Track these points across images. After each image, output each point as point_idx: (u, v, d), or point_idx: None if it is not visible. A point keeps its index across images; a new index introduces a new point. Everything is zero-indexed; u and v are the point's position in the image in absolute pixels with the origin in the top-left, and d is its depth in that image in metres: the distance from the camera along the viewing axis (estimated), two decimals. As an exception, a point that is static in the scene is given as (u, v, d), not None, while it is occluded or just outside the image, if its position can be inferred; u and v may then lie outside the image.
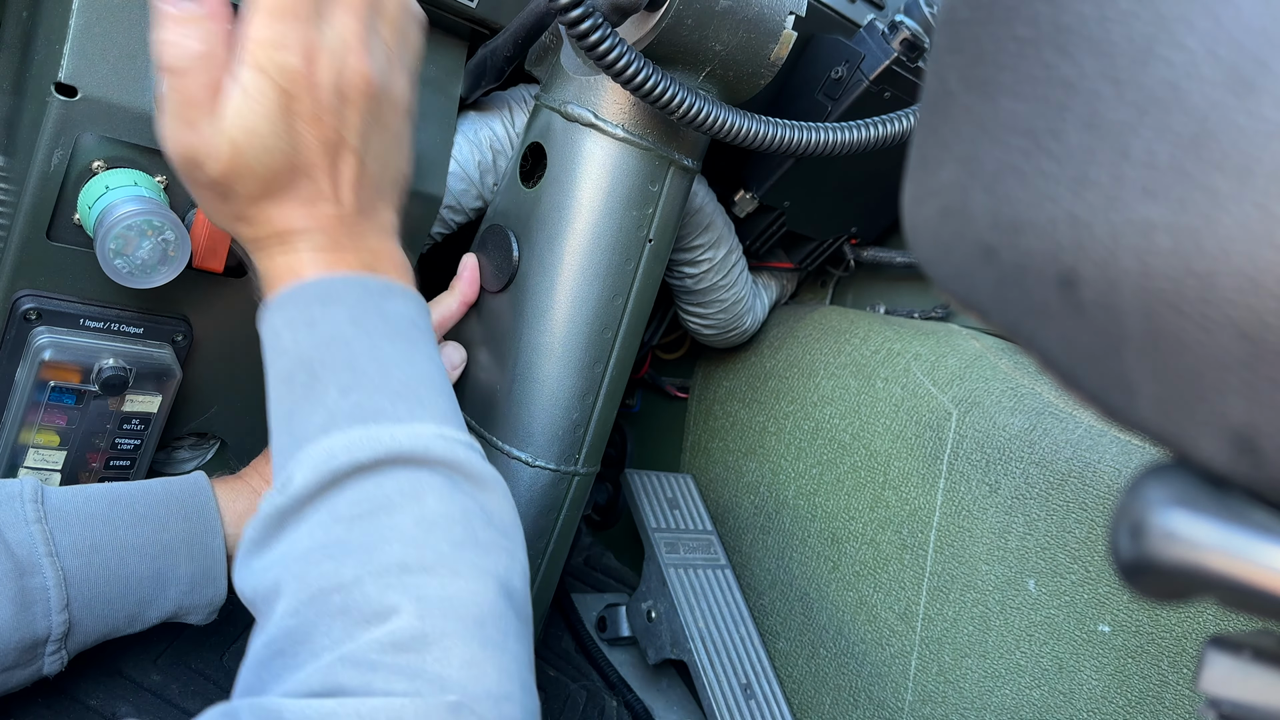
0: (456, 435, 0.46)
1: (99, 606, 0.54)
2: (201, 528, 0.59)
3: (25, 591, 0.50)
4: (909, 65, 0.74)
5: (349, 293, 0.48)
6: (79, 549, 0.53)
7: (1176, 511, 0.24)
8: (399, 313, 0.49)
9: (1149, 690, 0.61)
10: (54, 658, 0.53)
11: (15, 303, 0.60)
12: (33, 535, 0.52)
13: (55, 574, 0.52)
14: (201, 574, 0.58)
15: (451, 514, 0.43)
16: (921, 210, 0.30)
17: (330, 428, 0.44)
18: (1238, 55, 0.21)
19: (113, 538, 0.55)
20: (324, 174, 0.48)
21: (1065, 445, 0.68)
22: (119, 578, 0.55)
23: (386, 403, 0.45)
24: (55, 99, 0.55)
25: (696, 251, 0.85)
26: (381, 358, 0.47)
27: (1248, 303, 0.21)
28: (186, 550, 0.58)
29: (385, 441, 0.43)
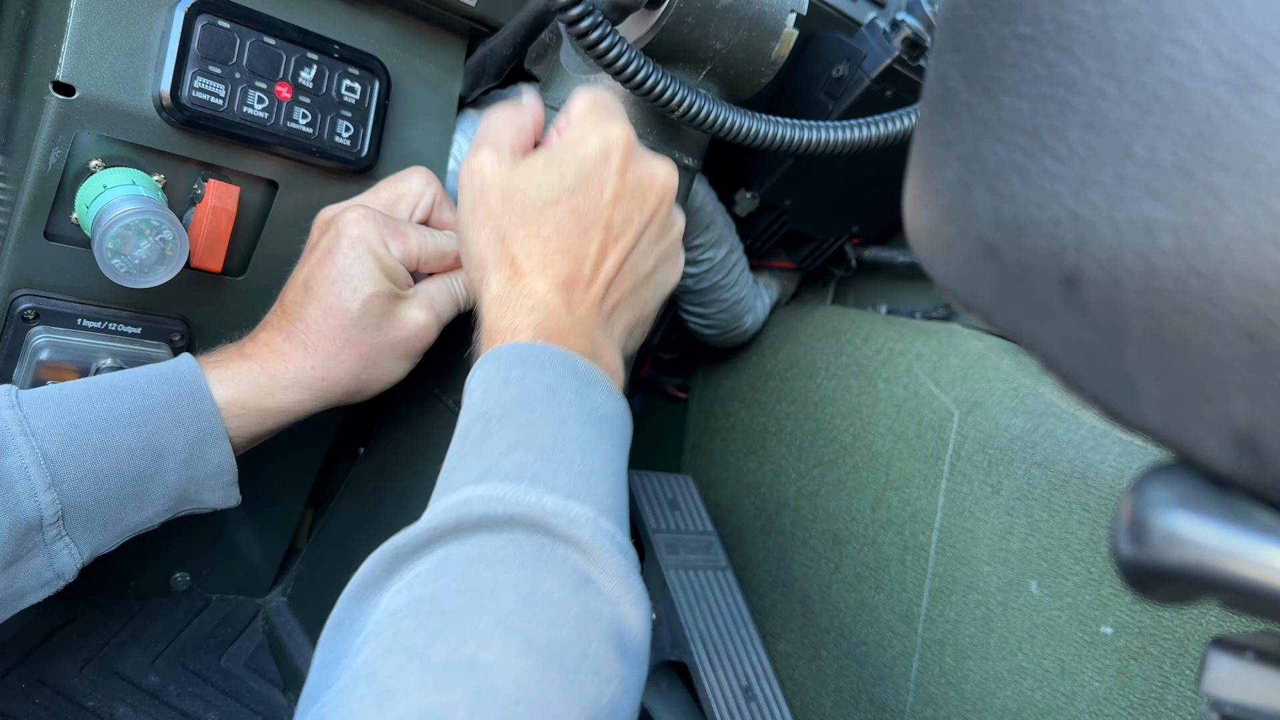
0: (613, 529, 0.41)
1: (93, 485, 0.51)
2: (186, 389, 0.54)
3: (3, 474, 0.48)
4: (910, 64, 0.74)
5: (555, 365, 0.47)
6: (57, 429, 0.50)
7: (1179, 513, 0.24)
8: (598, 403, 0.47)
9: (1151, 692, 0.60)
10: (60, 545, 0.50)
11: (13, 302, 0.60)
12: (4, 420, 0.49)
13: (33, 453, 0.49)
14: (198, 436, 0.54)
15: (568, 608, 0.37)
16: (923, 209, 0.30)
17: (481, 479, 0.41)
18: (1241, 53, 0.21)
19: (92, 411, 0.51)
20: (591, 260, 0.52)
21: (1068, 446, 0.68)
22: (106, 449, 0.51)
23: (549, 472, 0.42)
24: (53, 98, 0.55)
25: (697, 251, 0.85)
26: (563, 432, 0.44)
27: (1251, 302, 0.21)
28: (173, 412, 0.54)
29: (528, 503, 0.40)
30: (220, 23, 0.59)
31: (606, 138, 0.53)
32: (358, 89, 0.65)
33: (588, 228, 0.52)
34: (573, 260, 0.51)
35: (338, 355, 0.57)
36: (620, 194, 0.53)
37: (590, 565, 0.39)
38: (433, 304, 0.60)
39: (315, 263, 0.58)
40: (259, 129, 0.61)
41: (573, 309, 0.51)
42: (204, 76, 0.58)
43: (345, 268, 0.57)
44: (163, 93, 0.57)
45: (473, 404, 0.46)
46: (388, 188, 0.63)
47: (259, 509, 0.78)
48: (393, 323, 0.58)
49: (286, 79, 0.62)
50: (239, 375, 0.57)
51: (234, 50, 0.59)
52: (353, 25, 0.65)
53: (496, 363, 0.48)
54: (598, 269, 0.52)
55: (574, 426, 0.45)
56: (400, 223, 0.60)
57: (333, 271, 0.57)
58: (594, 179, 0.52)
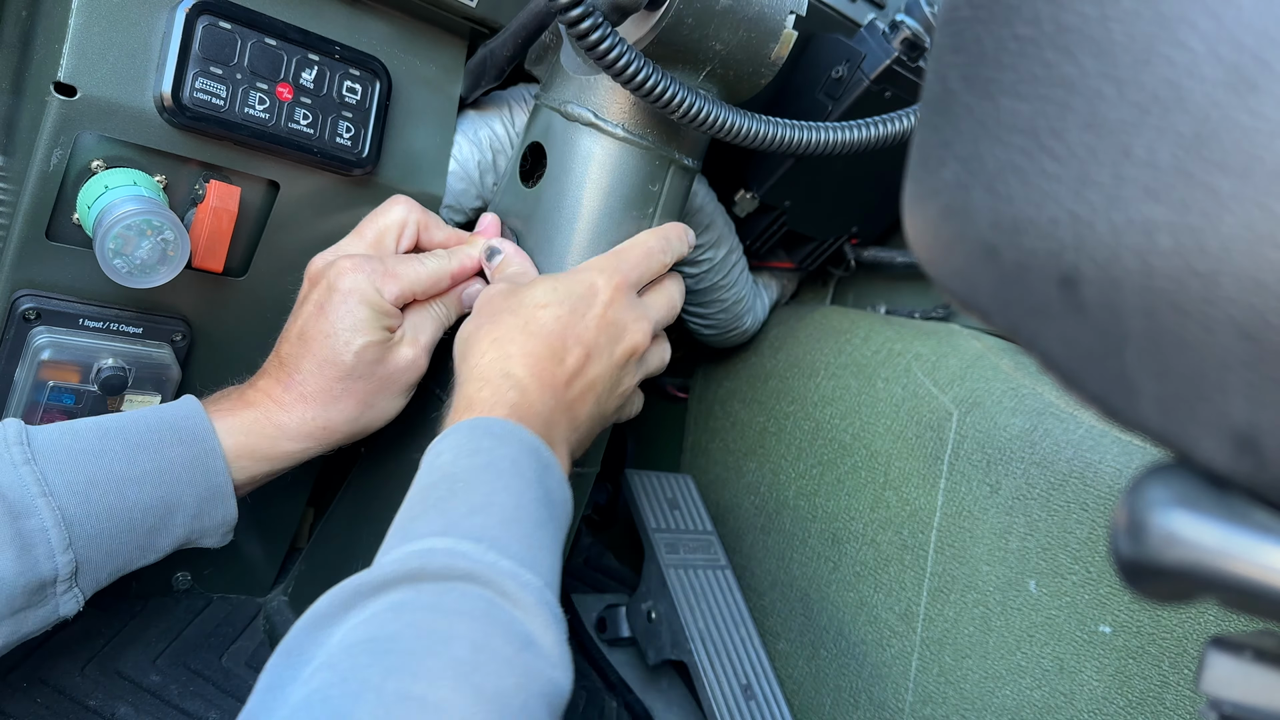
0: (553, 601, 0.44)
1: (105, 542, 0.52)
2: (200, 450, 0.56)
3: (23, 535, 0.49)
4: (910, 65, 0.74)
5: (522, 444, 0.51)
6: (74, 487, 0.51)
7: (1177, 512, 0.24)
8: (551, 487, 0.51)
9: (1150, 691, 0.61)
10: (67, 597, 0.52)
11: (14, 302, 0.60)
12: (23, 478, 0.50)
13: (53, 515, 0.50)
14: (208, 495, 0.56)
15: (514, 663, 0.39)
16: (922, 210, 0.30)
17: (444, 534, 0.44)
18: (1239, 55, 0.21)
19: (108, 471, 0.53)
20: (568, 368, 0.57)
21: (1066, 445, 0.68)
22: (120, 510, 0.53)
23: (506, 538, 0.45)
24: (54, 98, 0.55)
25: (697, 251, 0.85)
26: (520, 505, 0.47)
27: (1250, 302, 0.21)
28: (188, 474, 0.55)
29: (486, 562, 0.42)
30: (221, 24, 0.59)
31: (599, 277, 0.60)
32: (359, 90, 0.65)
33: (569, 339, 0.58)
34: (553, 361, 0.57)
35: (336, 404, 0.60)
36: (602, 324, 0.59)
37: (534, 628, 0.42)
38: (418, 338, 0.62)
39: (309, 316, 0.60)
40: (260, 130, 0.61)
41: (544, 402, 0.55)
42: (205, 77, 0.58)
43: (338, 321, 0.59)
44: (164, 93, 0.57)
45: (440, 465, 0.49)
46: (370, 225, 0.64)
47: (260, 509, 0.78)
48: (385, 366, 0.61)
49: (288, 80, 0.62)
50: (246, 425, 0.59)
51: (235, 51, 0.59)
52: (354, 26, 0.66)
53: (470, 433, 0.51)
54: (572, 378, 0.57)
55: (530, 503, 0.48)
56: (390, 261, 0.62)
57: (326, 326, 0.59)
58: (583, 301, 0.59)
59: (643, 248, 0.63)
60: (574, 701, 0.88)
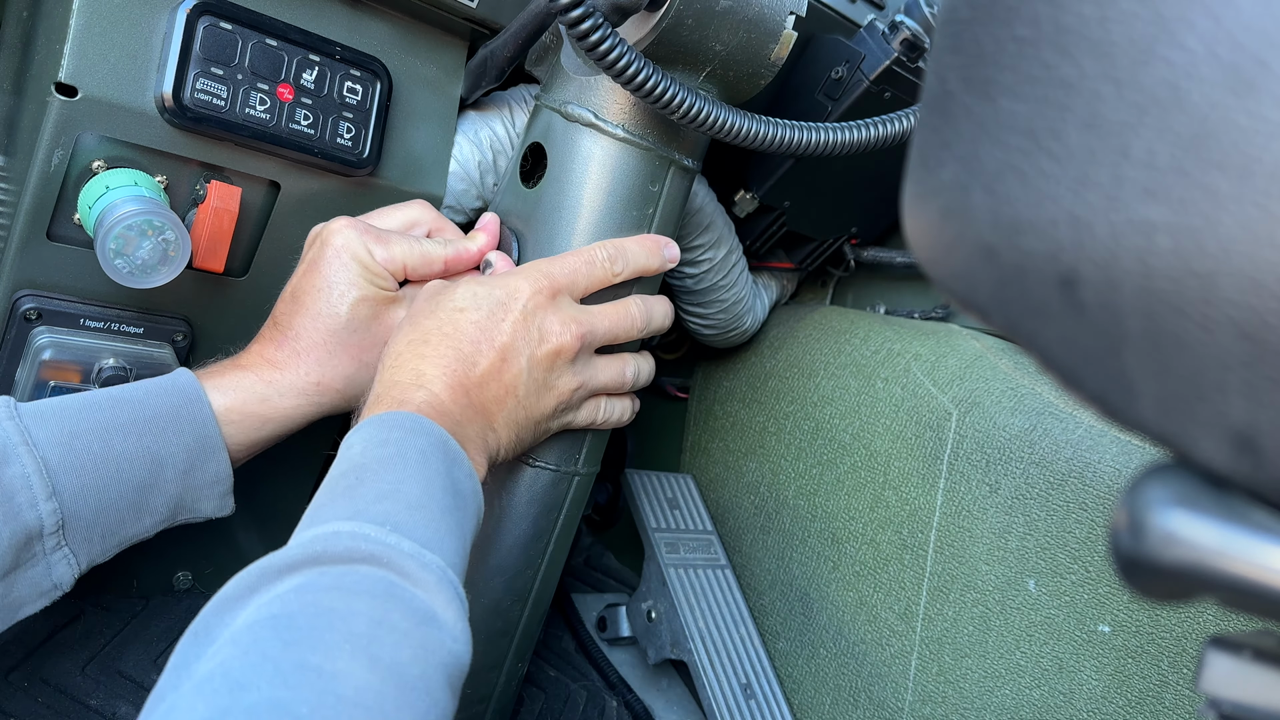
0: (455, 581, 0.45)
1: (93, 496, 0.52)
2: (184, 399, 0.56)
3: (5, 483, 0.49)
4: (909, 65, 0.74)
5: (430, 437, 0.51)
6: (57, 439, 0.51)
7: (1177, 512, 0.24)
8: (459, 479, 0.51)
9: (1149, 690, 0.61)
10: (58, 556, 0.51)
11: (15, 302, 0.60)
12: (5, 430, 0.50)
13: (34, 462, 0.50)
14: (196, 446, 0.56)
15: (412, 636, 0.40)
16: (922, 210, 0.30)
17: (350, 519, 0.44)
18: (1238, 55, 0.21)
19: (91, 421, 0.52)
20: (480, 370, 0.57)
21: (1065, 445, 0.68)
22: (105, 459, 0.52)
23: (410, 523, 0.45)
24: (55, 99, 0.55)
25: (697, 251, 0.85)
26: (427, 493, 0.48)
27: (1248, 303, 0.21)
28: (174, 423, 0.55)
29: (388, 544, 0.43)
30: (222, 24, 0.59)
31: (522, 281, 0.60)
32: (359, 90, 0.65)
33: (484, 343, 0.57)
34: (466, 364, 0.56)
35: (330, 360, 0.60)
36: (519, 328, 0.58)
37: (435, 605, 0.43)
38: None
39: (302, 274, 0.61)
40: (261, 130, 0.61)
41: (455, 402, 0.55)
42: (206, 78, 0.58)
43: (330, 275, 0.59)
44: (165, 94, 0.57)
45: (350, 457, 0.49)
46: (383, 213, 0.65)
47: (261, 508, 0.78)
48: (382, 324, 0.61)
49: (288, 80, 0.62)
50: (236, 384, 0.58)
51: (236, 52, 0.59)
52: (354, 27, 0.66)
53: (379, 425, 0.51)
54: (485, 380, 0.57)
55: (437, 491, 0.48)
56: (384, 231, 0.62)
57: (319, 281, 0.60)
58: (501, 306, 0.59)
59: (584, 255, 0.63)
60: (574, 700, 0.88)
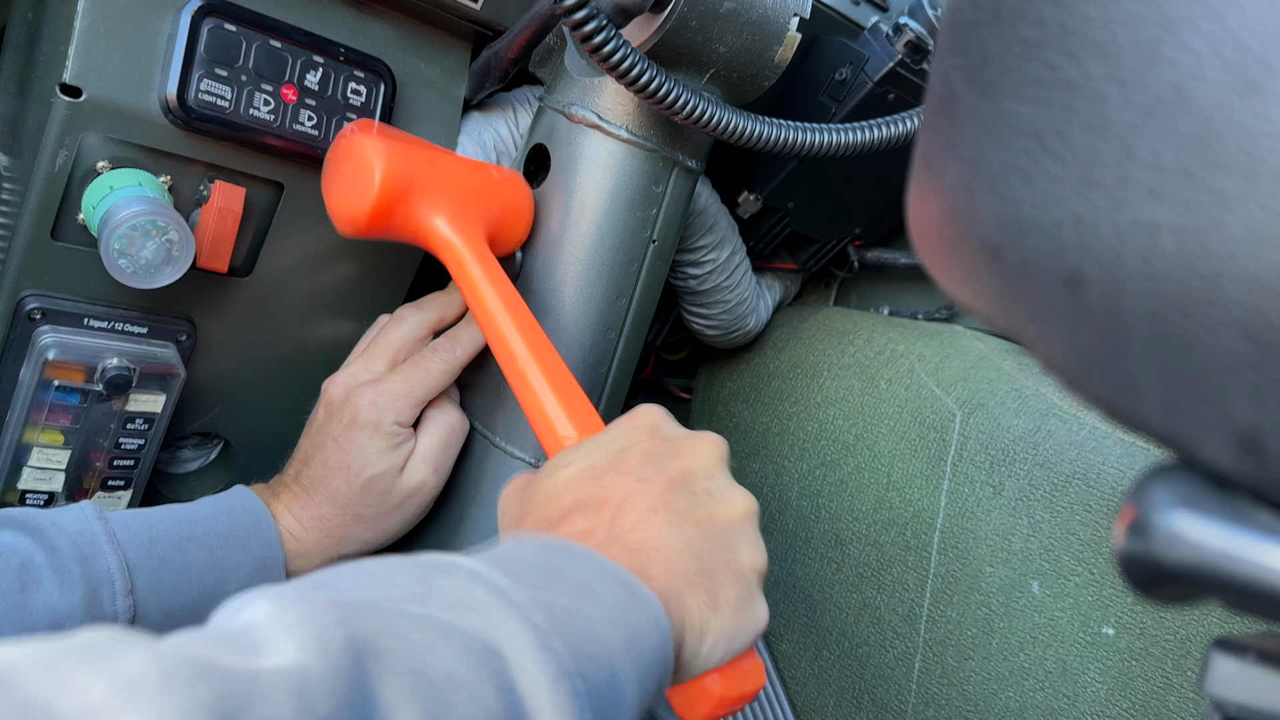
0: None
1: (163, 598, 0.54)
2: (256, 520, 0.60)
3: (92, 576, 0.51)
4: (913, 67, 0.74)
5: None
6: (138, 542, 0.54)
7: (1181, 513, 0.24)
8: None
9: (1154, 693, 0.61)
10: None
11: (20, 302, 0.60)
12: (94, 529, 0.53)
13: (118, 559, 0.53)
14: (261, 563, 0.59)
15: None
16: (926, 211, 0.30)
17: None
18: (1243, 57, 0.21)
19: (171, 531, 0.56)
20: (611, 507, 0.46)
21: (1070, 447, 0.68)
22: (180, 567, 0.55)
23: None
24: (60, 99, 0.56)
25: (700, 253, 0.85)
26: None
27: (1254, 304, 0.21)
28: (243, 539, 0.59)
29: None
30: (226, 25, 0.59)
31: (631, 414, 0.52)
32: (363, 91, 0.65)
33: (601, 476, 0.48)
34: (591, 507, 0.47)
35: (349, 528, 0.63)
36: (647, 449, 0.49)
37: None
38: (427, 461, 0.64)
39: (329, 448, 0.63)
40: (265, 131, 0.61)
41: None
42: (210, 79, 0.58)
43: (355, 454, 0.62)
44: (169, 95, 0.57)
45: None
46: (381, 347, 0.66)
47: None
48: (394, 493, 0.63)
49: (292, 81, 0.62)
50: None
51: (240, 53, 0.60)
52: (358, 28, 0.66)
53: None
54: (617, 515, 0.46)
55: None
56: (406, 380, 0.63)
57: (344, 460, 0.62)
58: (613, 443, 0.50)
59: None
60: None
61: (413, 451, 0.64)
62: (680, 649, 0.44)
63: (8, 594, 0.49)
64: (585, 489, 0.47)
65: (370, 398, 0.63)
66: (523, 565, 0.37)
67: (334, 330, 0.73)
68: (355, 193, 0.57)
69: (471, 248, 0.60)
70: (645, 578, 0.42)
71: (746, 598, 0.47)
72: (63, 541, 0.52)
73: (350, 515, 0.63)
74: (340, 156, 0.59)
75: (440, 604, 0.32)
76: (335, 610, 0.28)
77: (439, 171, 0.60)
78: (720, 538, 0.47)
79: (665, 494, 0.47)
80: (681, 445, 0.50)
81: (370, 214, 0.57)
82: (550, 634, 0.33)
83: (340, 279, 0.71)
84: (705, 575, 0.45)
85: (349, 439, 0.62)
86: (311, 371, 0.71)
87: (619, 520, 0.45)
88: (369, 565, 0.34)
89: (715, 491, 0.49)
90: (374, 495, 0.63)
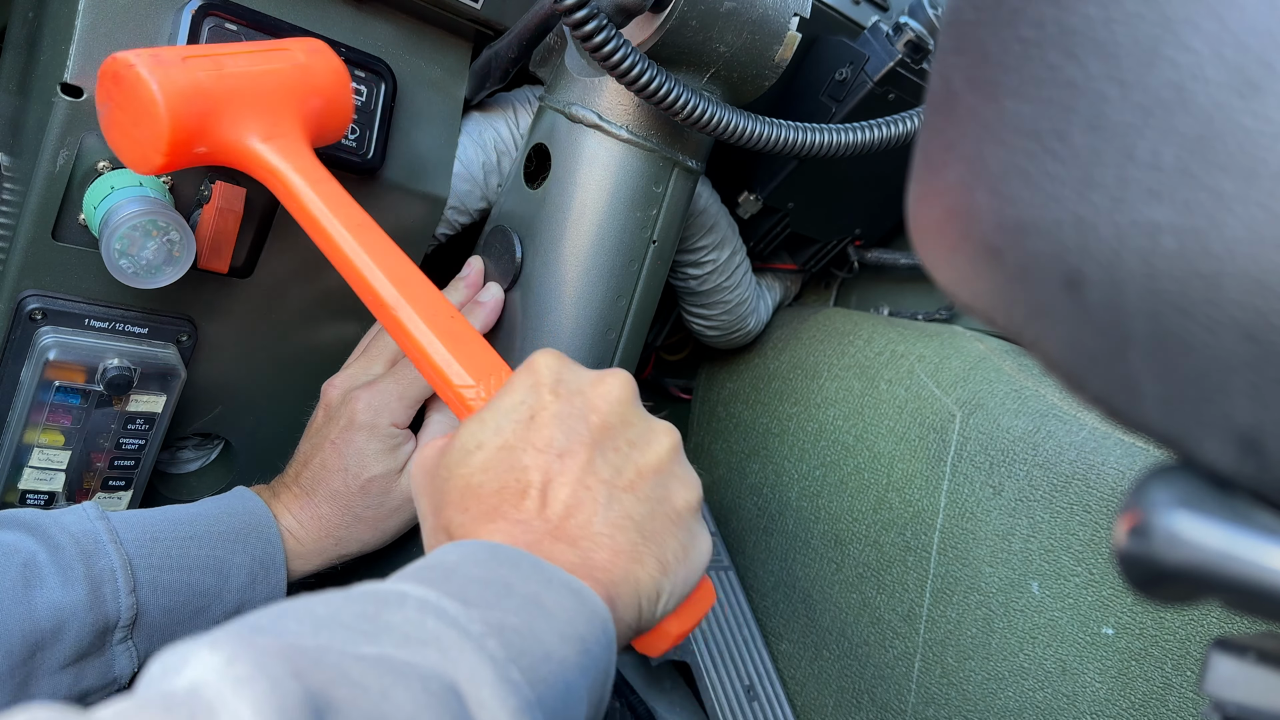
0: None
1: (164, 596, 0.55)
2: (256, 520, 0.60)
3: (95, 574, 0.52)
4: (913, 67, 0.74)
5: None
6: (140, 540, 0.55)
7: (1181, 513, 0.24)
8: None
9: (1153, 693, 0.61)
10: (122, 649, 0.54)
11: (20, 302, 0.60)
12: (96, 528, 0.54)
13: (120, 557, 0.53)
14: (261, 561, 0.59)
15: None
16: (926, 211, 0.30)
17: None
18: (1243, 57, 0.21)
19: (172, 530, 0.57)
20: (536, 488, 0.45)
21: (1069, 447, 0.68)
22: (181, 564, 0.56)
23: None
24: (61, 99, 0.56)
25: (700, 253, 0.85)
26: None
27: (1253, 304, 0.21)
28: (243, 540, 0.59)
29: None
30: (227, 24, 0.59)
31: (528, 367, 0.49)
32: (364, 91, 0.65)
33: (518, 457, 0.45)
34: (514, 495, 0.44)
35: (349, 528, 0.63)
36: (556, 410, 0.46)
37: None
38: None
39: (327, 449, 0.63)
40: (265, 131, 0.61)
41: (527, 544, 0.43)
42: (211, 78, 0.58)
43: (353, 456, 0.62)
44: None
45: None
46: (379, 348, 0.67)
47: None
48: (393, 495, 0.64)
49: (292, 81, 0.62)
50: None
51: (240, 52, 0.59)
52: (359, 28, 0.66)
53: None
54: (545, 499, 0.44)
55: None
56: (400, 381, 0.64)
57: (341, 461, 0.63)
58: (518, 409, 0.47)
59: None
60: (577, 702, 0.88)
61: (413, 454, 0.64)
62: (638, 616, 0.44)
63: (11, 592, 0.49)
64: (504, 475, 0.45)
65: (366, 400, 0.63)
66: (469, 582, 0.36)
67: (335, 331, 0.73)
68: (142, 130, 0.49)
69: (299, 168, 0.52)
70: (591, 567, 0.42)
71: (689, 540, 0.47)
72: (65, 540, 0.52)
73: (349, 516, 0.63)
74: (111, 88, 0.51)
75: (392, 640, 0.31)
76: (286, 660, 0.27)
77: (234, 78, 0.52)
78: (653, 491, 0.46)
79: (589, 463, 0.45)
80: (591, 395, 0.48)
81: (166, 151, 0.50)
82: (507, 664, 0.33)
83: (341, 280, 0.71)
84: (649, 541, 0.45)
85: (346, 441, 0.63)
86: (312, 372, 0.71)
87: (549, 506, 0.44)
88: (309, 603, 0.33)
89: (637, 439, 0.48)
90: (372, 497, 0.63)
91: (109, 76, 0.51)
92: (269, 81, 0.53)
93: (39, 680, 0.51)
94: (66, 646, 0.51)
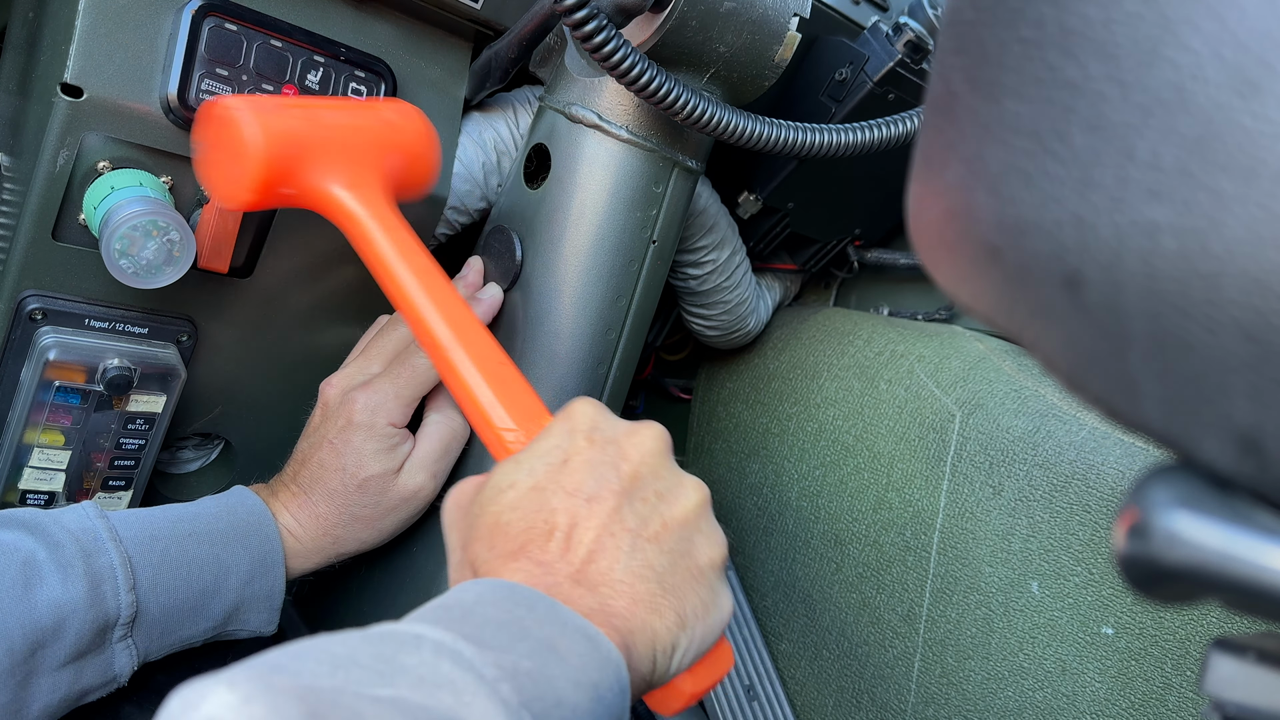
0: None
1: (163, 593, 0.55)
2: (255, 518, 0.61)
3: (94, 571, 0.52)
4: (913, 67, 0.74)
5: None
6: (140, 538, 0.55)
7: (1181, 513, 0.24)
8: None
9: (1153, 693, 0.61)
10: (122, 646, 0.54)
11: (21, 302, 0.60)
12: (96, 526, 0.54)
13: (120, 555, 0.53)
14: (260, 559, 0.60)
15: None
16: (926, 211, 0.30)
17: None
18: (1242, 57, 0.21)
19: (171, 528, 0.57)
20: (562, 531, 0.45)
21: (1069, 447, 0.68)
22: (181, 563, 0.56)
23: None
24: (61, 99, 0.56)
25: (700, 253, 0.85)
26: None
27: (1253, 304, 0.21)
28: (243, 538, 0.59)
29: None
30: (227, 25, 0.59)
31: (566, 414, 0.49)
32: (364, 91, 0.65)
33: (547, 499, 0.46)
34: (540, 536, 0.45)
35: (346, 527, 0.64)
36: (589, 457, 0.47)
37: None
38: (425, 466, 0.64)
39: (325, 449, 0.63)
40: (265, 131, 0.61)
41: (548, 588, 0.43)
42: (211, 78, 0.59)
43: (350, 455, 0.63)
44: (170, 95, 0.57)
45: None
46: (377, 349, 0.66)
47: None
48: (390, 495, 0.64)
49: (293, 81, 0.62)
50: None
51: (241, 52, 0.60)
52: (359, 28, 0.66)
53: None
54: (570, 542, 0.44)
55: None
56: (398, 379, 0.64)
57: (339, 460, 0.63)
58: (552, 453, 0.47)
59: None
60: (577, 702, 0.88)
61: (410, 455, 0.64)
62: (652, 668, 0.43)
63: (11, 590, 0.50)
64: (532, 515, 0.45)
65: (364, 399, 0.63)
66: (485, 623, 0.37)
67: (334, 331, 0.73)
68: (234, 167, 0.52)
69: (375, 216, 0.55)
70: (609, 614, 0.42)
71: (710, 598, 0.47)
72: (65, 538, 0.52)
73: (347, 515, 0.63)
74: (209, 128, 0.54)
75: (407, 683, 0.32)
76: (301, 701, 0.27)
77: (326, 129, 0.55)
78: (678, 544, 0.46)
79: (616, 511, 0.45)
80: (624, 445, 0.48)
81: (257, 189, 0.52)
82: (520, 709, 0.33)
83: (341, 280, 0.71)
84: (669, 593, 0.45)
85: (344, 440, 0.63)
86: (312, 372, 0.71)
87: (573, 549, 0.44)
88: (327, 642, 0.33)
89: (665, 492, 0.48)
90: (370, 496, 0.63)
91: (210, 119, 0.54)
92: (357, 135, 0.57)
93: (39, 678, 0.51)
94: (66, 644, 0.51)
